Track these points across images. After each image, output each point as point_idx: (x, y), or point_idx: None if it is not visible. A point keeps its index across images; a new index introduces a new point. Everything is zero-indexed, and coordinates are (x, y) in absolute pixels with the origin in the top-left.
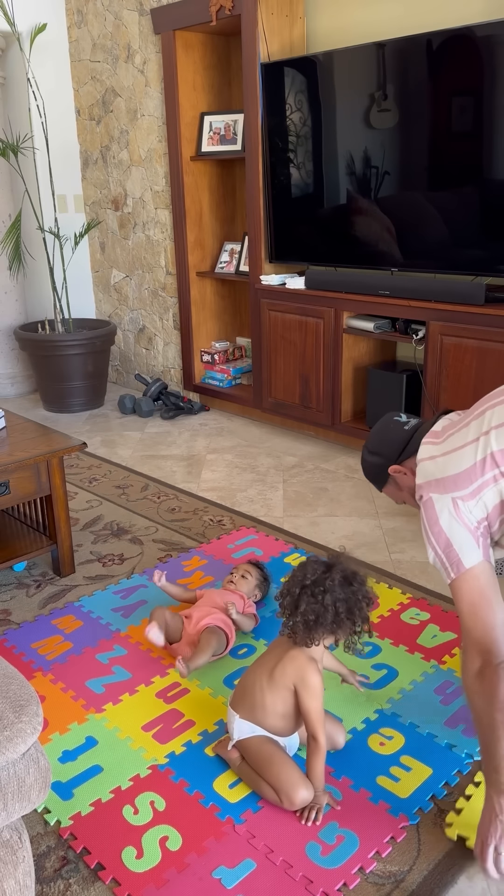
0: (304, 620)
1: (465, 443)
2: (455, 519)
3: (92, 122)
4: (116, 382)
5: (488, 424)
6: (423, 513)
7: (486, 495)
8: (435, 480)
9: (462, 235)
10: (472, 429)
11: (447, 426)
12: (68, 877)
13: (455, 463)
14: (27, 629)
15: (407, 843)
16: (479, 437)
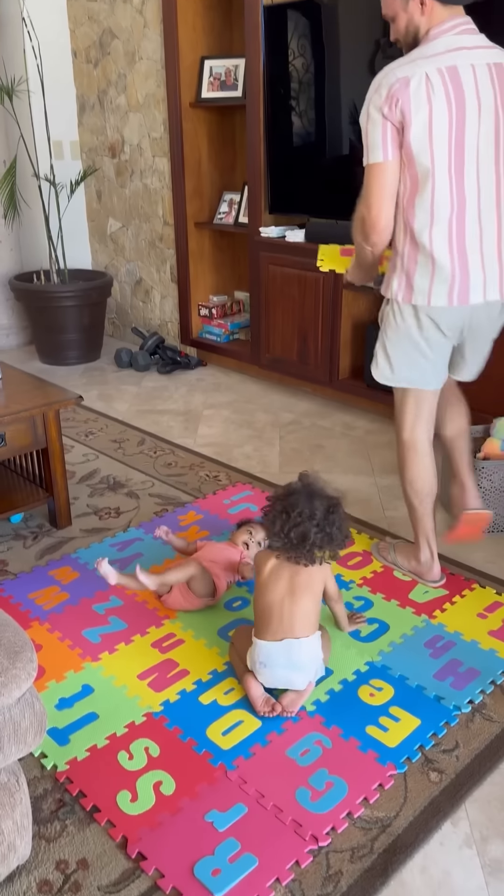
0: (314, 547)
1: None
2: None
3: (89, 65)
4: (113, 335)
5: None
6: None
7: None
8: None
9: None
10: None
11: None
12: (65, 818)
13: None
14: (24, 580)
15: (394, 790)
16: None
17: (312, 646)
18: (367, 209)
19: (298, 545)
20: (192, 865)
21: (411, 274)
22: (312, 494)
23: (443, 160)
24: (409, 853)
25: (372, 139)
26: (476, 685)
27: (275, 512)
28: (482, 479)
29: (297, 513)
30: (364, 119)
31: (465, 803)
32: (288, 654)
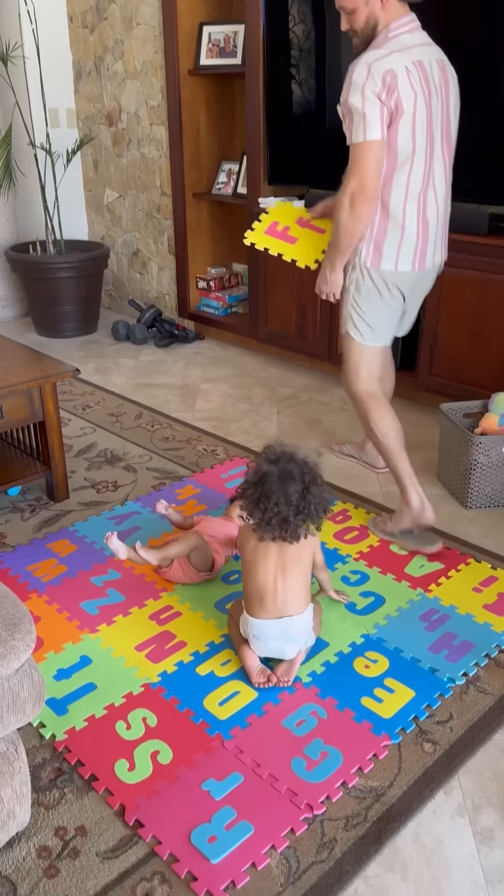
0: (296, 527)
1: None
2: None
3: (85, 31)
4: (110, 308)
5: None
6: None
7: None
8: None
9: (466, 160)
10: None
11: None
12: (63, 786)
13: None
14: (22, 552)
15: (388, 760)
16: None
17: (305, 619)
18: (362, 181)
19: (280, 529)
20: (189, 832)
21: (380, 243)
22: (285, 478)
23: (421, 145)
24: (402, 821)
25: (371, 118)
26: (470, 658)
27: (251, 502)
28: (479, 455)
29: (273, 502)
30: (359, 100)
31: (458, 773)
32: (282, 630)
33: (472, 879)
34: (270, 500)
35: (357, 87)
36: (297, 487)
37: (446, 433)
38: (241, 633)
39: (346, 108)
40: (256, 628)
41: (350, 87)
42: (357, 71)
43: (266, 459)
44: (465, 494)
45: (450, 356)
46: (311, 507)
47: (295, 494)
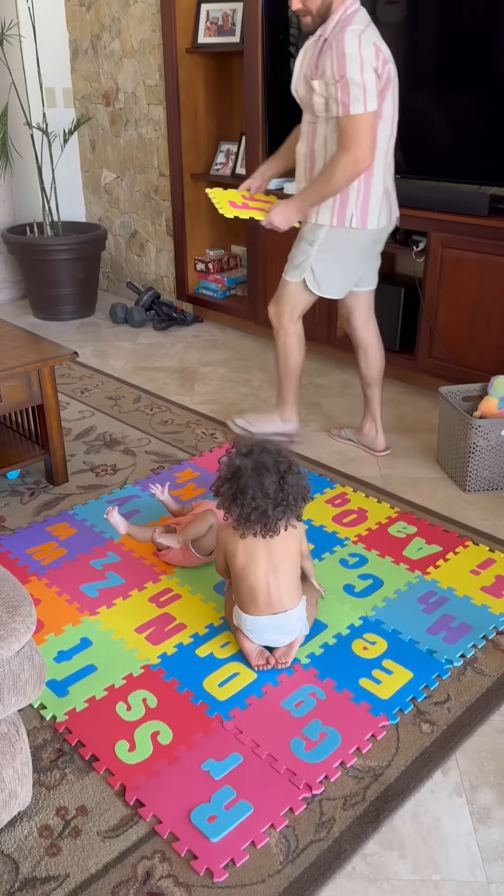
0: (276, 521)
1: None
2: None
3: (82, 9)
4: (108, 290)
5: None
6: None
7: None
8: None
9: (468, 141)
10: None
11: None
12: (64, 767)
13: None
14: (21, 535)
15: (386, 740)
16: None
17: (298, 612)
18: (366, 149)
19: (260, 524)
20: (189, 812)
21: (345, 203)
22: (259, 470)
23: (389, 111)
24: (400, 801)
25: (370, 90)
26: (468, 639)
27: (227, 498)
28: (478, 438)
29: (249, 496)
30: (357, 71)
31: (455, 754)
32: (276, 625)
33: (469, 857)
34: (247, 495)
35: (353, 58)
36: (273, 479)
37: (445, 416)
38: (234, 621)
39: (342, 80)
40: (250, 624)
41: (345, 59)
42: (348, 42)
43: (238, 453)
44: (463, 478)
45: (449, 339)
46: (289, 497)
47: (272, 486)
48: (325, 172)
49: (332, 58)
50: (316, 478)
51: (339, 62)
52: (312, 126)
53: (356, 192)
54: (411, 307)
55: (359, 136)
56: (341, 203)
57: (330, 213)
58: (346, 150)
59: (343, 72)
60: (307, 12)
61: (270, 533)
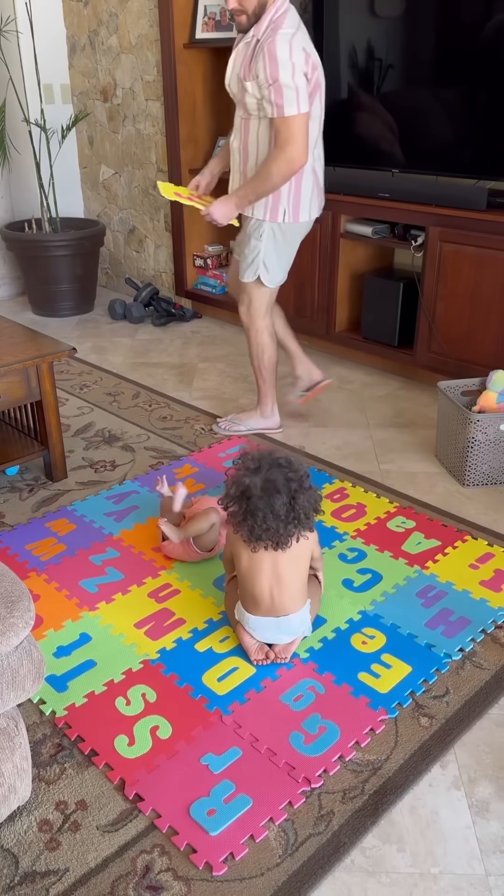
0: (288, 536)
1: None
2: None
3: (79, 4)
4: (106, 286)
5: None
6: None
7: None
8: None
9: (466, 136)
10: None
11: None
12: (63, 762)
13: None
14: (21, 531)
15: (385, 734)
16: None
17: (301, 615)
18: (301, 149)
19: (272, 541)
20: (188, 806)
21: (297, 200)
22: (269, 491)
23: (317, 111)
24: (399, 794)
25: (301, 92)
26: (467, 633)
27: (237, 518)
28: (477, 432)
29: (260, 518)
30: (289, 75)
31: (454, 747)
32: (277, 626)
33: (468, 850)
34: (257, 517)
35: (285, 63)
36: (284, 500)
37: (444, 411)
38: (236, 616)
39: (275, 84)
40: (252, 622)
41: (278, 63)
42: (280, 47)
43: (246, 470)
44: (462, 472)
45: (448, 334)
46: (300, 515)
47: (282, 508)
48: (261, 171)
49: (264, 62)
50: (315, 473)
51: (271, 67)
52: (245, 122)
53: (288, 188)
54: (410, 302)
55: (293, 136)
56: (275, 199)
57: (264, 209)
58: (282, 149)
59: (276, 76)
60: (243, 11)
61: (280, 547)
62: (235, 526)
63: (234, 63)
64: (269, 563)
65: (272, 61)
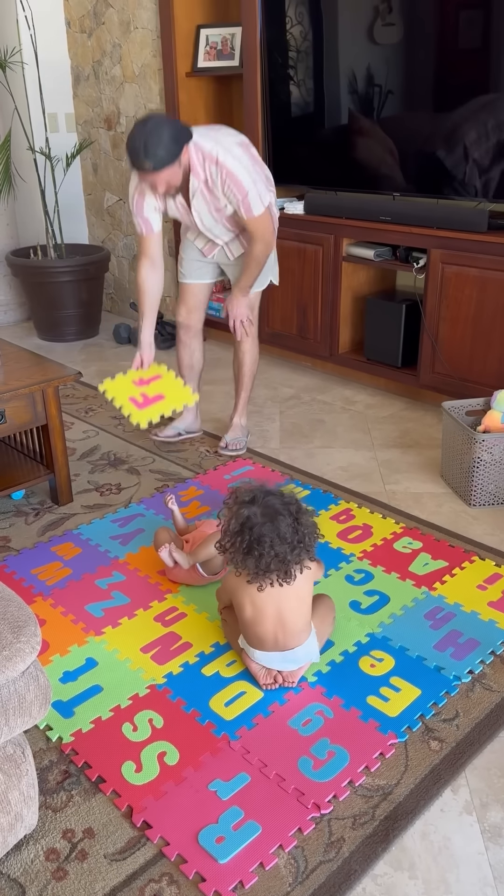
0: (292, 564)
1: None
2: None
3: (83, 35)
4: (111, 311)
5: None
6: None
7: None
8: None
9: (466, 159)
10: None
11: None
12: (70, 789)
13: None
14: (27, 556)
15: (395, 758)
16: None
17: (308, 646)
18: (270, 236)
19: (278, 572)
20: (197, 833)
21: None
22: (272, 515)
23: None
24: (410, 820)
25: (262, 193)
26: (476, 655)
27: (239, 552)
28: (482, 452)
29: (268, 545)
30: (251, 184)
31: (465, 771)
32: (283, 658)
33: (481, 877)
34: (264, 545)
35: (244, 174)
36: (289, 521)
37: (449, 431)
38: (238, 642)
39: (243, 197)
40: (257, 657)
41: (239, 179)
42: (233, 166)
43: (242, 503)
44: (468, 492)
45: (451, 354)
46: (305, 538)
47: (288, 530)
48: (251, 263)
49: (229, 186)
50: (320, 494)
51: (236, 186)
52: (233, 235)
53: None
54: (413, 323)
55: (265, 228)
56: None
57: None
58: (258, 241)
59: (243, 190)
60: (173, 187)
61: (288, 578)
62: (239, 564)
63: (199, 212)
64: (273, 607)
65: (234, 182)
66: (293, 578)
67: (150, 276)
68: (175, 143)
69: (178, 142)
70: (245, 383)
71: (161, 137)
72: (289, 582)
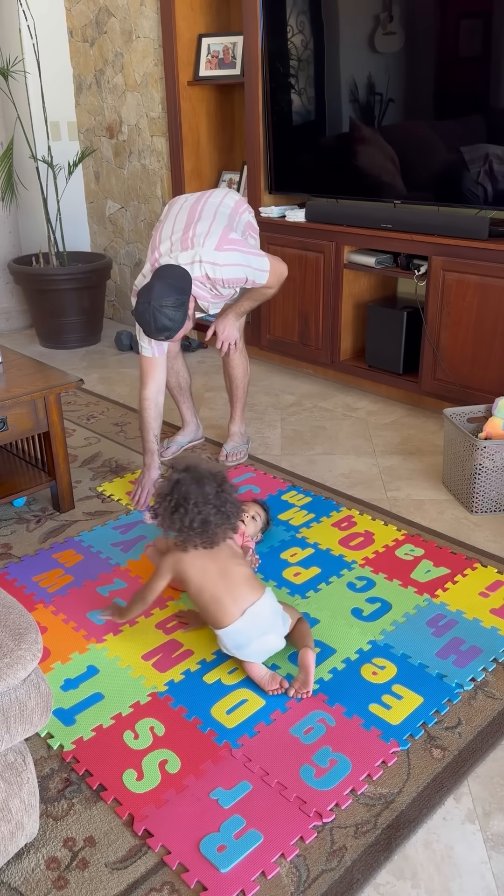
0: (217, 527)
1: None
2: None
3: (85, 45)
4: (113, 318)
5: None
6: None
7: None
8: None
9: (467, 166)
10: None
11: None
12: (71, 797)
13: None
14: (28, 563)
15: (397, 767)
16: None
17: (268, 602)
18: (284, 277)
19: (203, 532)
20: (198, 842)
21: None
22: (199, 479)
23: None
24: (412, 828)
25: (262, 263)
26: (478, 663)
27: (168, 511)
28: (484, 459)
29: (192, 503)
30: (255, 258)
31: (467, 779)
32: (253, 624)
33: (484, 886)
34: (189, 502)
35: (240, 273)
36: (213, 486)
37: (450, 438)
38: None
39: (247, 281)
40: (232, 639)
41: (240, 279)
42: (235, 275)
43: (176, 470)
44: (470, 499)
45: (452, 361)
46: (227, 504)
47: (212, 492)
48: (259, 298)
49: (232, 284)
50: (322, 501)
51: (238, 282)
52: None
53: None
54: (414, 330)
55: (273, 279)
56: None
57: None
58: (273, 287)
59: (243, 279)
60: (189, 329)
61: (211, 543)
62: (167, 522)
63: (213, 308)
64: (210, 561)
65: (235, 281)
66: (216, 544)
67: (160, 401)
68: (181, 300)
69: (183, 295)
70: (240, 394)
71: (166, 311)
72: (211, 546)
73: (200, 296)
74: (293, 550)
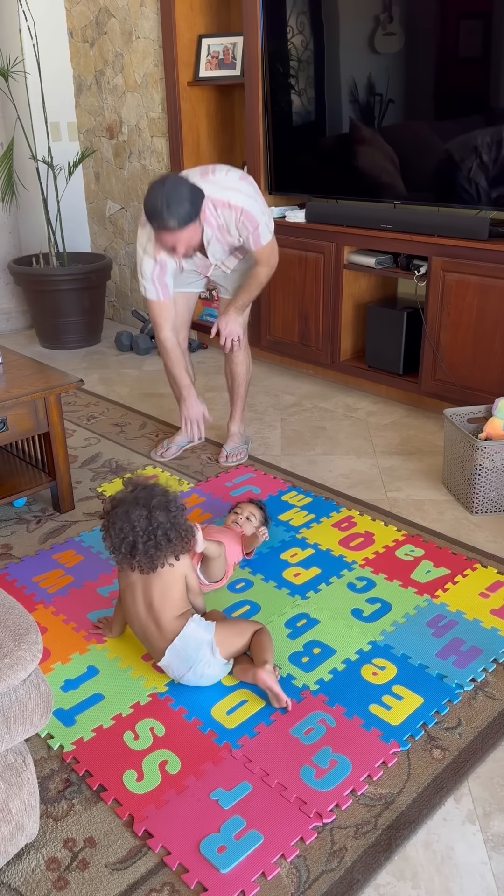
0: (145, 555)
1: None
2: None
3: (85, 45)
4: (113, 319)
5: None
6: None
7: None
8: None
9: (467, 167)
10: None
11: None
12: (71, 797)
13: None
14: (28, 563)
15: (397, 767)
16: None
17: (191, 635)
18: (275, 260)
19: (130, 556)
20: (199, 842)
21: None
22: (130, 503)
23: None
24: (412, 829)
25: (270, 225)
26: (478, 663)
27: (103, 529)
28: (484, 460)
29: (117, 528)
30: (261, 212)
31: (467, 780)
32: (178, 656)
33: (484, 886)
34: (116, 526)
35: (257, 211)
36: (141, 513)
37: (451, 438)
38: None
39: (254, 229)
40: (167, 671)
41: (251, 211)
42: (252, 208)
43: (122, 490)
44: (470, 499)
45: (452, 361)
46: (157, 532)
47: (138, 519)
48: (253, 284)
49: (243, 222)
50: (322, 501)
51: (249, 220)
52: (240, 264)
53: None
54: (414, 331)
55: (272, 254)
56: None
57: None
58: (264, 265)
59: (255, 222)
60: (192, 248)
61: (147, 569)
62: (103, 537)
63: (215, 254)
64: (140, 588)
65: (248, 218)
66: (153, 570)
67: (180, 337)
68: (194, 200)
69: (196, 200)
70: (241, 393)
71: (181, 195)
72: (144, 571)
73: (208, 220)
74: (293, 551)
